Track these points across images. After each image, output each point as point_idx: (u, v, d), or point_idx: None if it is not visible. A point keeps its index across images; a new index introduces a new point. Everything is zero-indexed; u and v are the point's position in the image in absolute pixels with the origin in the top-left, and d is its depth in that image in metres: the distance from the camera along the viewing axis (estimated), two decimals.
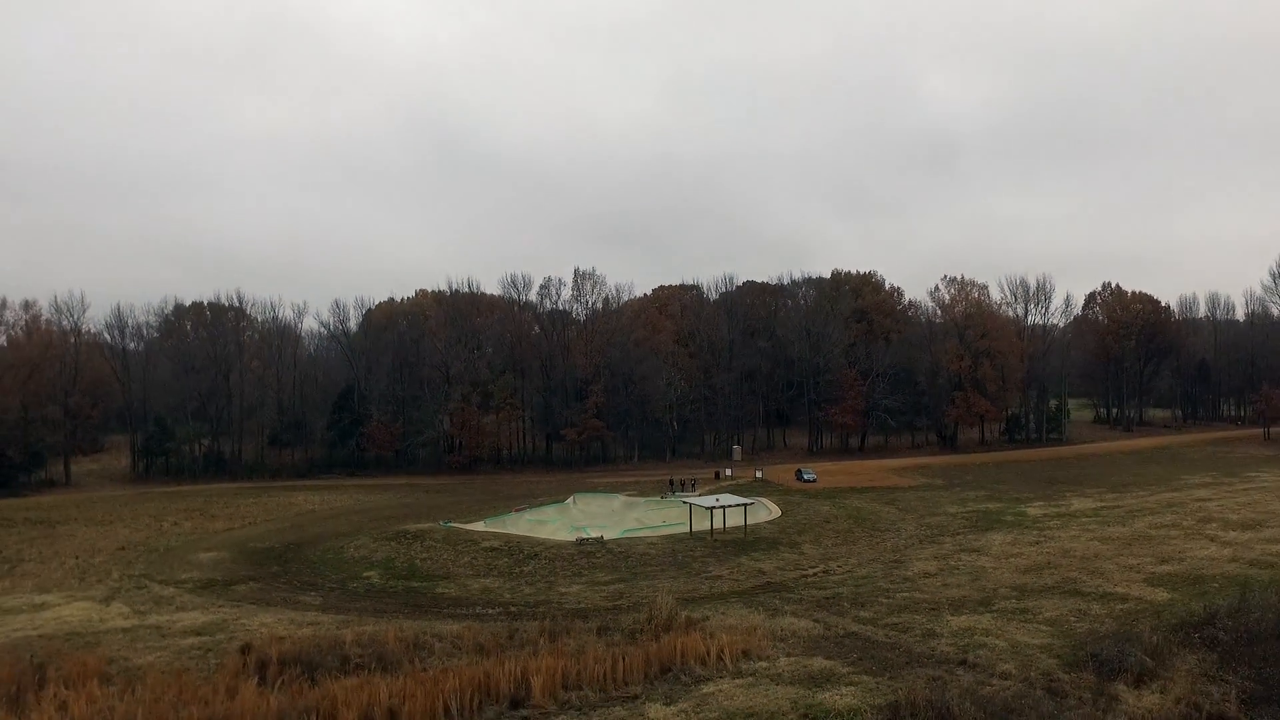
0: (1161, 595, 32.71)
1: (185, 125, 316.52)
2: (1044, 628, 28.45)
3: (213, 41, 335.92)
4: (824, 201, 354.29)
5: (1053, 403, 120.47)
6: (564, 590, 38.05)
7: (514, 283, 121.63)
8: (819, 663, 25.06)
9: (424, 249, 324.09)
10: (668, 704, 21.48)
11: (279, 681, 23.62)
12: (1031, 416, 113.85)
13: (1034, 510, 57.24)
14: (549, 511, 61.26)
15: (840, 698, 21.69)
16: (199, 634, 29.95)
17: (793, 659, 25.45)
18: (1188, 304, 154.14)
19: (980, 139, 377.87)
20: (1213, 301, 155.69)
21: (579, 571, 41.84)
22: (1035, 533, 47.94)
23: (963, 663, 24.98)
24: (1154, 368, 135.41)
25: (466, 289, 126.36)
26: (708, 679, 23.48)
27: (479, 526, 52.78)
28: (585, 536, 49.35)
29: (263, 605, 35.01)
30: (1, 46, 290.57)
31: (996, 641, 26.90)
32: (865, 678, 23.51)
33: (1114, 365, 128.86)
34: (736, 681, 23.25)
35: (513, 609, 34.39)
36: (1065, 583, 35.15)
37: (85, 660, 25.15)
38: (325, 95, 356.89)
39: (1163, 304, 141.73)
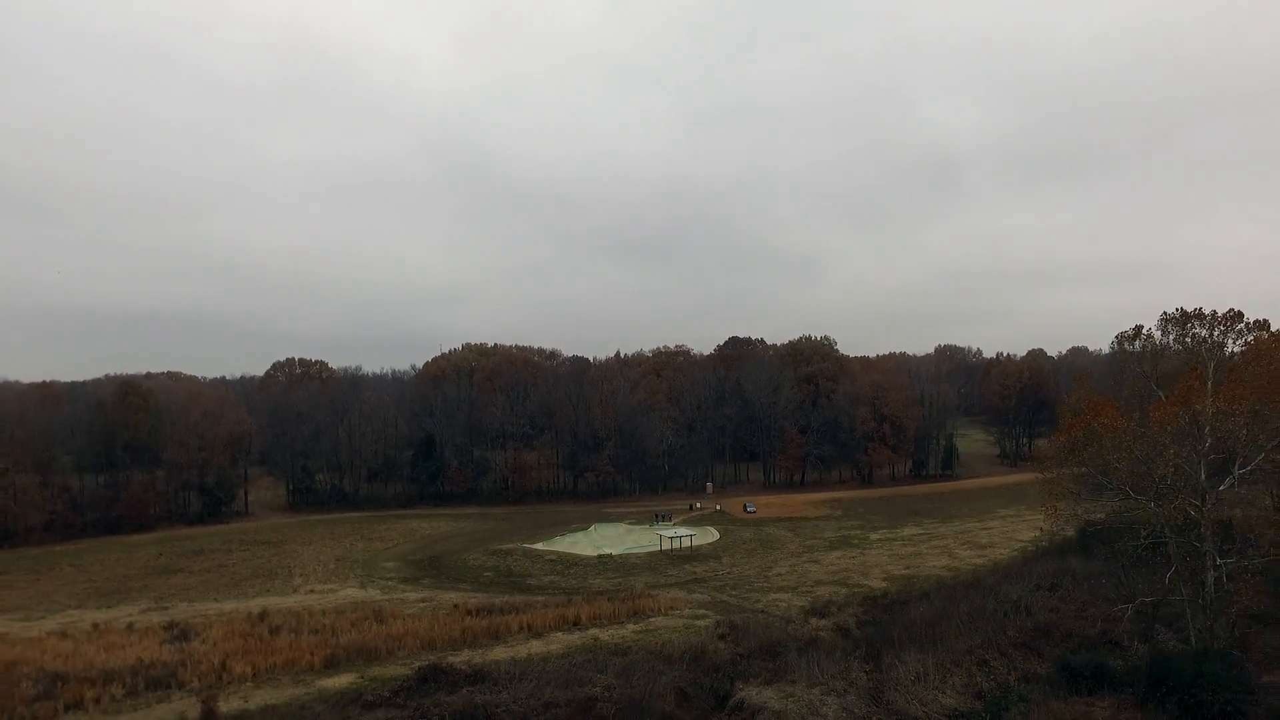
0: (882, 585, 62.18)
1: (220, 152, 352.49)
2: (810, 599, 58.06)
3: (250, 75, 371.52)
4: (826, 218, 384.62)
5: (958, 441, 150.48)
6: (591, 582, 67.97)
7: (542, 354, 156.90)
8: (701, 611, 54.91)
9: (446, 266, 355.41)
10: (634, 625, 51.32)
11: (477, 616, 53.54)
12: (931, 457, 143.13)
13: (876, 535, 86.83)
14: (579, 536, 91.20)
15: (703, 622, 51.46)
16: (423, 601, 60.05)
17: (691, 610, 55.32)
18: (1064, 359, 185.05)
19: (978, 159, 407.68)
20: (1092, 359, 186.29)
21: (599, 572, 71.73)
22: (859, 551, 77.59)
23: (762, 611, 54.73)
24: (1039, 415, 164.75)
25: (508, 344, 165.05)
26: (653, 616, 53.31)
27: (540, 546, 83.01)
28: (602, 552, 79.34)
29: (442, 589, 65.23)
30: (54, 81, 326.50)
31: (783, 604, 56.65)
32: (718, 616, 53.25)
33: (1004, 416, 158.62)
34: (665, 618, 53.05)
35: (567, 591, 64.43)
36: (843, 579, 64.79)
37: (393, 608, 55.47)
38: (355, 125, 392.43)
39: (1052, 354, 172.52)
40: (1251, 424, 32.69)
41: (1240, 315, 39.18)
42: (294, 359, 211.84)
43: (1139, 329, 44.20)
